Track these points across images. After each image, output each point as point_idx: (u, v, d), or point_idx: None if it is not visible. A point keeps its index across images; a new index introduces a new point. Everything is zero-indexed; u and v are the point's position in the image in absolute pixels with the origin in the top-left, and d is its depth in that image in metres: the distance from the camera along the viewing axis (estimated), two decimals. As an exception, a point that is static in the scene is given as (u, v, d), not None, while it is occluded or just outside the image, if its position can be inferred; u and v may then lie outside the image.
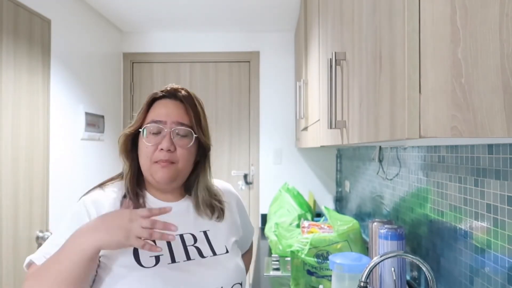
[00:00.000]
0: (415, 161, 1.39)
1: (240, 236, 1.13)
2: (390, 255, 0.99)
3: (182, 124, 0.97)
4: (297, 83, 2.31)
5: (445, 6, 0.52)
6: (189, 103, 0.99)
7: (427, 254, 1.28)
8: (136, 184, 1.00)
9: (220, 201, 1.07)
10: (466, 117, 0.52)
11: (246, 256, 1.28)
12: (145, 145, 0.95)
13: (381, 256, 0.99)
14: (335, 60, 0.96)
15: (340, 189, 3.01)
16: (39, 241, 2.04)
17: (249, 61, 3.14)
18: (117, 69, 3.10)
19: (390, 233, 1.24)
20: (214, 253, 0.98)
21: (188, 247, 0.96)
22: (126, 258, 0.89)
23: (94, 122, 2.65)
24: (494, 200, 0.89)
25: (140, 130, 0.97)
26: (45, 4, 2.12)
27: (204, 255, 0.97)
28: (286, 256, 1.96)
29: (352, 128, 0.91)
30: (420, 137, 0.52)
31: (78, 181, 2.45)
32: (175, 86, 1.01)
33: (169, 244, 0.93)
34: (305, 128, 2.07)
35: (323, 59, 1.38)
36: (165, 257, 0.92)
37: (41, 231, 2.05)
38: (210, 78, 3.16)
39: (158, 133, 0.95)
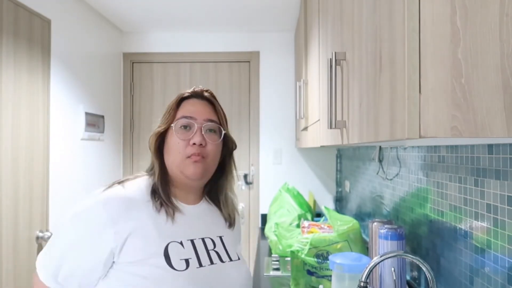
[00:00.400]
0: (415, 161, 1.39)
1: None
2: (390, 255, 0.99)
3: (211, 121, 1.00)
4: (297, 83, 2.31)
5: (445, 6, 0.52)
6: (216, 103, 1.04)
7: (427, 254, 1.28)
8: (166, 183, 0.99)
9: (236, 207, 1.11)
10: (466, 117, 0.52)
11: None
12: (177, 140, 0.96)
13: (381, 256, 0.99)
14: (335, 60, 0.96)
15: (340, 189, 3.01)
16: (39, 241, 2.04)
17: (249, 61, 3.14)
18: (117, 69, 3.10)
19: (390, 233, 1.24)
20: (230, 259, 1.00)
21: (210, 252, 0.97)
22: (158, 260, 0.87)
23: (94, 122, 2.65)
24: (494, 200, 0.89)
25: (171, 126, 0.98)
26: (45, 4, 2.12)
27: (223, 260, 0.98)
28: (286, 256, 1.96)
29: (352, 128, 0.91)
30: (420, 137, 0.52)
31: (78, 181, 2.45)
32: (201, 87, 1.04)
33: (194, 247, 0.94)
34: (305, 128, 2.07)
35: (323, 59, 1.38)
36: (194, 260, 0.92)
37: (41, 231, 2.05)
38: (210, 78, 3.16)
39: (189, 128, 0.98)
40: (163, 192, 0.96)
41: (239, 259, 1.03)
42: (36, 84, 2.04)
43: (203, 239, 0.97)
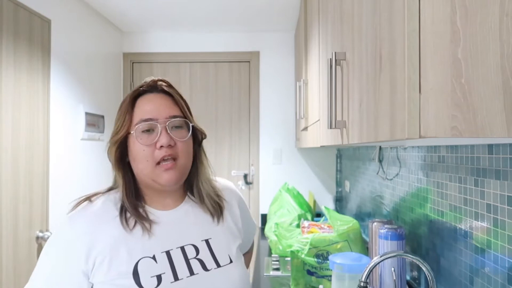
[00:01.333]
0: (415, 161, 1.39)
1: (242, 239, 1.05)
2: (390, 255, 0.99)
3: (174, 116, 0.89)
4: (297, 83, 2.31)
5: (445, 6, 0.52)
6: (174, 93, 0.92)
7: (427, 254, 1.28)
8: (133, 195, 0.90)
9: (219, 197, 1.00)
10: (466, 117, 0.52)
11: (246, 256, 1.21)
12: (141, 147, 0.86)
13: (381, 256, 0.99)
14: (335, 60, 0.96)
15: (340, 189, 3.01)
16: (39, 241, 2.04)
17: (249, 61, 3.14)
18: (117, 69, 3.10)
19: (390, 233, 1.24)
20: (218, 265, 0.91)
21: (191, 261, 0.88)
22: (125, 281, 0.82)
23: (94, 122, 2.65)
24: (494, 200, 0.89)
25: (131, 133, 0.87)
26: (45, 4, 2.12)
27: (208, 267, 0.89)
28: (286, 256, 1.96)
29: (352, 128, 0.91)
30: (420, 137, 0.52)
31: (78, 181, 2.45)
32: (153, 78, 0.92)
33: (170, 259, 0.86)
34: (305, 128, 2.07)
35: (323, 59, 1.38)
36: (167, 275, 0.84)
37: (41, 231, 2.05)
38: (210, 78, 3.16)
39: (152, 131, 0.87)
40: (131, 207, 0.87)
41: (231, 261, 0.93)
42: (36, 84, 2.04)
43: (182, 248, 0.89)
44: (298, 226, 2.23)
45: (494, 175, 0.89)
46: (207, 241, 0.93)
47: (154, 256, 0.85)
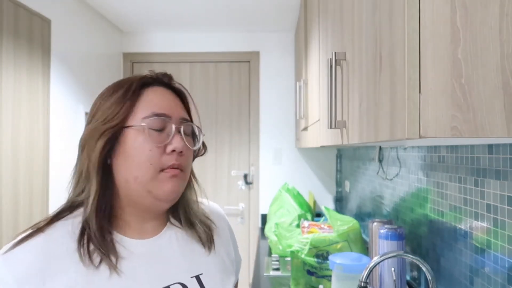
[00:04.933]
0: (415, 161, 1.39)
1: (235, 274, 0.84)
2: (390, 255, 0.99)
3: (186, 120, 0.74)
4: (297, 83, 2.31)
5: (445, 6, 0.52)
6: (188, 96, 0.79)
7: (427, 254, 1.28)
8: (104, 215, 0.68)
9: (210, 222, 0.81)
10: (466, 117, 0.52)
11: None
12: (147, 147, 0.67)
13: (381, 256, 0.99)
14: (335, 60, 0.96)
15: (340, 189, 3.01)
16: (39, 241, 2.04)
17: (249, 61, 3.14)
18: (117, 69, 3.10)
19: (390, 233, 1.24)
20: None
21: None
22: None
23: (94, 122, 2.65)
24: (494, 200, 0.89)
25: (132, 126, 0.68)
26: (45, 4, 2.12)
27: None
28: (286, 256, 1.96)
29: (352, 128, 0.91)
30: (420, 137, 0.52)
31: (78, 181, 2.45)
32: (165, 71, 0.78)
33: None
34: (305, 128, 2.07)
35: (323, 59, 1.38)
36: None
37: (41, 231, 2.05)
38: (210, 78, 3.16)
39: (162, 131, 0.70)
40: (98, 232, 0.65)
41: None
42: (36, 84, 2.04)
43: None
44: (298, 226, 2.23)
45: (494, 175, 0.89)
46: (198, 278, 0.72)
47: None
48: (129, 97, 0.70)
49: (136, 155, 0.67)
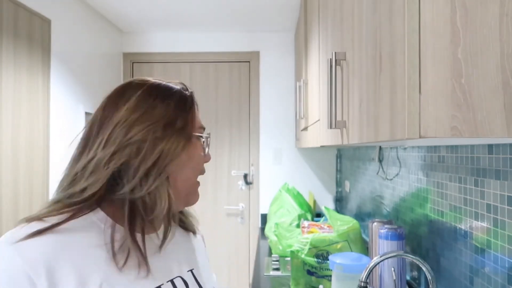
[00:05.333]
0: (415, 161, 1.39)
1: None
2: (390, 255, 0.99)
3: (204, 129, 0.78)
4: (297, 83, 2.31)
5: (445, 6, 0.52)
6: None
7: (427, 254, 1.28)
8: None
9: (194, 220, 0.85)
10: (466, 117, 0.52)
11: None
12: (200, 155, 0.73)
13: (381, 256, 0.99)
14: (335, 60, 0.96)
15: (340, 189, 3.01)
16: (39, 241, 2.04)
17: (249, 61, 3.14)
18: (117, 69, 3.10)
19: (390, 233, 1.24)
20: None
21: None
22: None
23: (94, 122, 2.65)
24: (494, 200, 0.89)
25: (196, 135, 0.73)
26: (45, 4, 2.12)
27: None
28: (286, 256, 1.96)
29: (352, 128, 0.91)
30: (420, 137, 0.52)
31: (78, 181, 2.45)
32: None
33: None
34: (305, 128, 2.07)
35: (323, 59, 1.38)
36: None
37: (41, 231, 2.05)
38: (210, 78, 3.16)
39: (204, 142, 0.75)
40: (129, 230, 0.64)
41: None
42: (36, 84, 2.04)
43: (172, 282, 0.70)
44: (298, 226, 2.23)
45: (494, 175, 0.89)
46: (192, 272, 0.76)
47: None
48: (193, 110, 0.73)
49: (191, 161, 0.71)
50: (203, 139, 0.74)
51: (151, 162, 0.65)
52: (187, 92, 0.74)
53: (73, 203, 0.65)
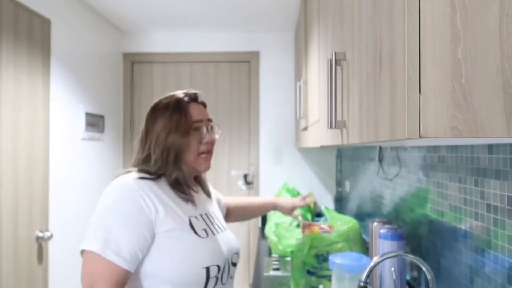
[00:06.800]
0: (415, 161, 1.39)
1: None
2: (390, 255, 0.99)
3: (210, 120, 1.20)
4: (297, 83, 2.31)
5: (445, 6, 0.52)
6: (205, 104, 1.24)
7: (427, 254, 1.28)
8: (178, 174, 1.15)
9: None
10: (466, 117, 0.52)
11: (231, 207, 1.54)
12: (192, 142, 1.13)
13: (381, 256, 0.99)
14: (335, 60, 0.96)
15: (340, 189, 3.01)
16: (39, 241, 2.04)
17: (249, 61, 3.14)
18: (117, 69, 3.10)
19: (390, 233, 1.24)
20: (224, 229, 1.22)
21: (213, 224, 1.18)
22: (186, 230, 1.07)
23: (94, 122, 2.65)
24: (494, 200, 0.89)
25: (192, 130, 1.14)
26: (45, 4, 2.12)
27: (222, 229, 1.20)
28: (286, 256, 1.96)
29: (352, 128, 0.91)
30: (420, 137, 0.52)
31: (78, 181, 2.45)
32: (193, 91, 1.21)
33: (204, 220, 1.15)
34: (305, 128, 2.07)
35: (323, 59, 1.38)
36: (209, 230, 1.14)
37: (41, 231, 2.05)
38: (210, 78, 3.16)
39: (199, 130, 1.15)
40: (185, 184, 1.14)
41: (226, 229, 1.24)
42: (36, 84, 2.04)
43: (206, 215, 1.18)
44: (298, 226, 2.23)
45: (494, 175, 0.89)
46: (213, 213, 1.23)
47: (196, 216, 1.13)
48: (184, 112, 1.15)
49: (186, 147, 1.13)
50: (200, 128, 1.15)
51: (167, 152, 1.12)
52: (182, 98, 1.17)
53: (147, 171, 1.11)
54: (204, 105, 1.22)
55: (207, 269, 1.05)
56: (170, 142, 1.11)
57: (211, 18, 2.82)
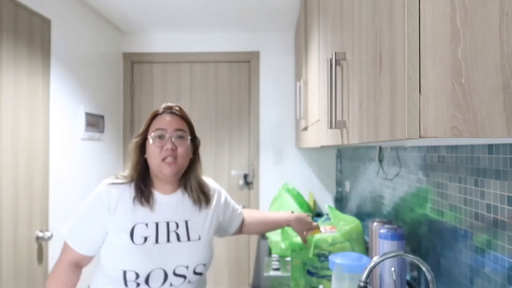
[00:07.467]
0: (415, 161, 1.39)
1: (221, 221, 1.43)
2: (390, 255, 0.99)
3: (179, 130, 1.25)
4: (297, 83, 2.31)
5: (445, 6, 0.52)
6: (182, 114, 1.29)
7: (427, 254, 1.28)
8: (142, 182, 1.26)
9: (204, 193, 1.35)
10: (466, 117, 0.52)
11: (245, 224, 1.57)
12: (154, 148, 1.23)
13: (381, 256, 0.99)
14: (335, 60, 0.96)
15: (340, 189, 3.01)
16: (39, 241, 2.04)
17: (249, 61, 3.14)
18: (117, 69, 3.10)
19: (390, 233, 1.24)
20: (189, 239, 1.26)
21: (170, 232, 1.24)
22: (124, 235, 1.20)
23: (94, 122, 2.65)
24: (494, 200, 0.89)
25: (149, 137, 1.25)
26: (45, 4, 2.12)
27: (181, 239, 1.25)
28: (286, 256, 1.96)
29: (352, 128, 0.91)
30: (420, 137, 0.52)
31: (78, 181, 2.45)
32: (170, 104, 1.30)
33: (156, 228, 1.23)
34: (305, 128, 2.07)
35: (323, 59, 1.38)
36: (152, 238, 1.22)
37: (41, 231, 2.05)
38: (210, 78, 3.16)
39: (162, 137, 1.23)
40: (144, 186, 1.25)
41: (199, 239, 1.28)
42: (36, 84, 2.04)
43: (167, 222, 1.25)
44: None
45: (494, 175, 0.89)
46: (186, 222, 1.28)
47: (146, 223, 1.22)
48: (148, 122, 1.28)
49: (151, 153, 1.24)
50: (151, 137, 1.24)
51: (136, 159, 1.28)
52: (157, 110, 1.29)
53: (126, 175, 1.28)
54: (180, 115, 1.28)
55: (124, 272, 1.18)
56: (134, 149, 1.27)
57: (211, 18, 2.82)
